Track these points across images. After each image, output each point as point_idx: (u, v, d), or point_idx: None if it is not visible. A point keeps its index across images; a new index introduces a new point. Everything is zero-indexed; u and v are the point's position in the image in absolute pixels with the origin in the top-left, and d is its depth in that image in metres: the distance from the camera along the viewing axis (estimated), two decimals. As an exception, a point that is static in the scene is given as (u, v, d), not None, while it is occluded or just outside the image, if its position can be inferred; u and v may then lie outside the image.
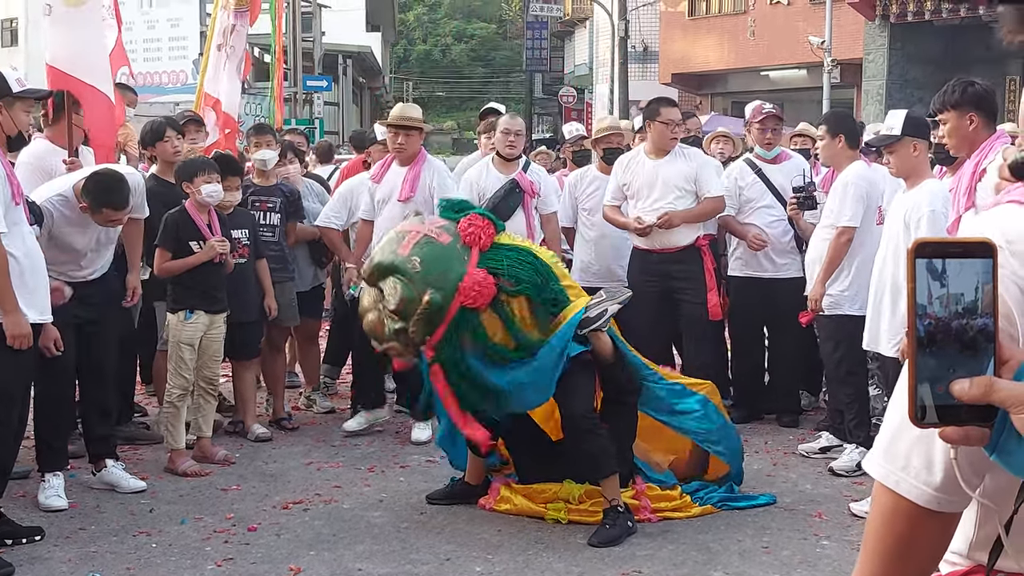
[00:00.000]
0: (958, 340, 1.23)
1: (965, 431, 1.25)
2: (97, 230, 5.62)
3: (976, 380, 1.22)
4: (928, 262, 1.23)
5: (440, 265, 4.95)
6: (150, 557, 4.87)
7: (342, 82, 32.24)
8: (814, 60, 22.55)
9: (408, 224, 5.20)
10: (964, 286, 1.23)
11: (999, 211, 1.45)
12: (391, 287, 4.90)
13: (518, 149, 7.46)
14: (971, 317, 1.23)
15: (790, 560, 4.86)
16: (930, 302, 1.23)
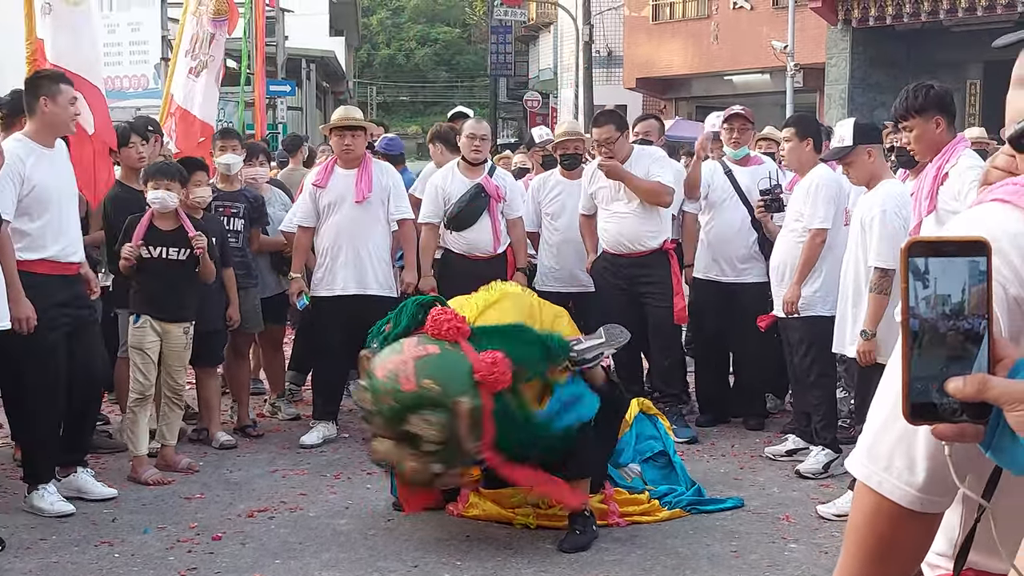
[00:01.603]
0: (947, 340, 1.24)
1: (960, 428, 1.26)
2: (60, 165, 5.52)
3: (971, 378, 1.23)
4: (915, 262, 1.23)
5: (450, 373, 4.66)
6: (112, 567, 4.79)
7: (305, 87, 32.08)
8: (777, 64, 22.71)
9: (387, 361, 4.72)
10: (951, 287, 1.23)
11: (983, 210, 1.44)
12: (422, 422, 4.54)
13: (483, 153, 7.45)
14: (959, 318, 1.23)
15: (758, 564, 4.86)
16: (917, 302, 1.23)
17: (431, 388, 4.55)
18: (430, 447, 4.54)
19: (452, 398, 4.56)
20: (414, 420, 4.53)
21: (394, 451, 4.65)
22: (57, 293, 5.43)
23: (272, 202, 7.50)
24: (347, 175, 6.88)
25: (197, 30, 9.17)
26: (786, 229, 6.42)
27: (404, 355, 4.69)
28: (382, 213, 6.93)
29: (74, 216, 5.61)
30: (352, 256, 6.84)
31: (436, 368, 4.63)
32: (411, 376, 4.58)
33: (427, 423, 4.52)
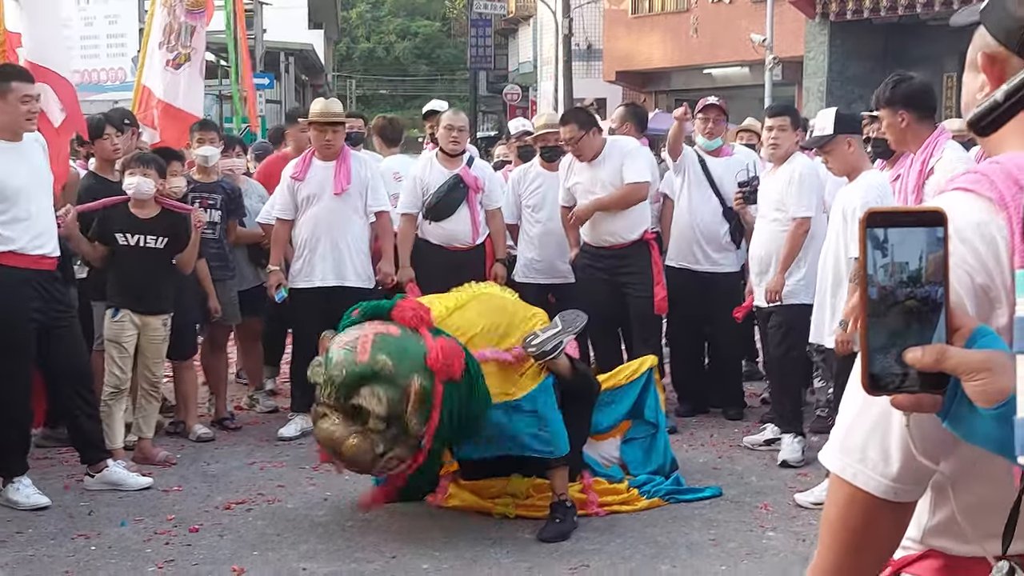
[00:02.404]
0: (905, 309, 1.24)
1: (917, 398, 1.26)
2: (29, 159, 5.48)
3: (929, 348, 1.23)
4: (874, 231, 1.24)
5: (407, 354, 4.67)
6: (89, 560, 4.77)
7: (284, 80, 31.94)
8: (756, 58, 22.76)
9: (347, 336, 4.77)
10: (908, 255, 1.24)
11: (946, 198, 1.45)
12: (371, 397, 4.57)
13: (461, 145, 7.45)
14: (916, 286, 1.24)
15: (737, 552, 4.87)
16: (876, 271, 1.24)
17: (384, 364, 4.58)
18: (376, 424, 4.57)
19: (404, 377, 4.59)
20: (364, 392, 4.56)
21: (339, 427, 4.62)
22: (25, 286, 5.39)
23: (249, 193, 7.46)
24: (325, 167, 6.86)
25: (171, 21, 9.09)
26: (766, 219, 6.41)
27: (365, 330, 4.74)
28: (360, 205, 6.91)
29: (45, 209, 5.54)
30: (331, 248, 6.82)
31: (393, 346, 4.66)
32: (367, 349, 4.62)
33: (376, 398, 4.55)
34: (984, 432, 1.25)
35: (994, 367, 1.22)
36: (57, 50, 6.55)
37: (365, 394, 4.56)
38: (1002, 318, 1.36)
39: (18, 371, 5.45)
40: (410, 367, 4.62)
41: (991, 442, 1.26)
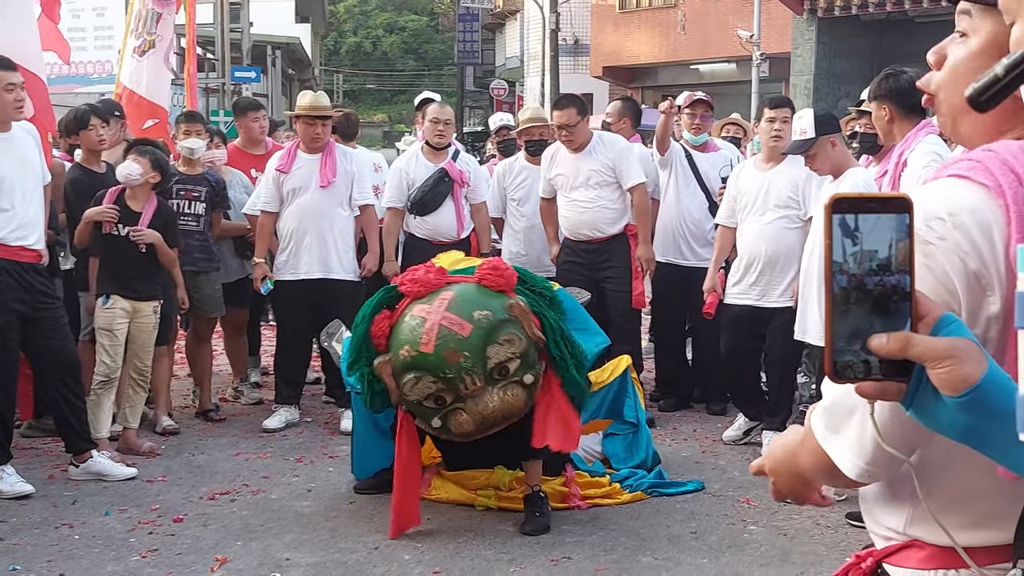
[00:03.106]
0: (873, 296, 1.24)
1: (881, 386, 1.26)
2: (16, 149, 5.49)
3: (894, 335, 1.23)
4: (842, 218, 1.23)
5: (478, 297, 4.72)
6: (72, 549, 4.78)
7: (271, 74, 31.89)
8: (743, 54, 22.81)
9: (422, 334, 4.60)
10: (878, 243, 1.23)
11: (940, 184, 1.45)
12: (503, 347, 4.59)
13: (447, 138, 7.46)
14: (885, 274, 1.23)
15: (718, 545, 4.90)
16: (844, 259, 1.23)
17: (482, 316, 4.58)
18: (515, 362, 4.61)
19: (501, 310, 4.62)
20: (494, 351, 4.57)
21: (491, 397, 4.61)
22: (4, 276, 5.39)
23: (233, 185, 7.47)
24: (311, 160, 6.87)
25: (141, 7, 9.04)
26: (764, 217, 6.22)
27: (432, 316, 4.62)
28: (346, 198, 6.93)
29: (30, 200, 5.53)
30: (316, 240, 6.83)
31: (466, 302, 4.65)
32: (459, 321, 4.56)
33: (508, 343, 4.59)
34: (948, 421, 1.25)
35: (960, 355, 1.22)
36: (28, 47, 6.51)
37: (496, 352, 4.57)
38: (993, 306, 1.36)
39: (1, 360, 5.45)
40: (494, 301, 4.67)
41: (955, 431, 1.26)
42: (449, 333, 4.53)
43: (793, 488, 1.65)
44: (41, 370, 5.75)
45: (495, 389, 4.61)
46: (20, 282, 5.44)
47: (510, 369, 4.62)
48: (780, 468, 1.64)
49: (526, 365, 4.67)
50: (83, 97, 18.58)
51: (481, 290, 4.74)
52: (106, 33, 21.50)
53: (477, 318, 4.56)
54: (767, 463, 1.68)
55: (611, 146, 7.08)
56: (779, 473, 1.65)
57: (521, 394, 4.68)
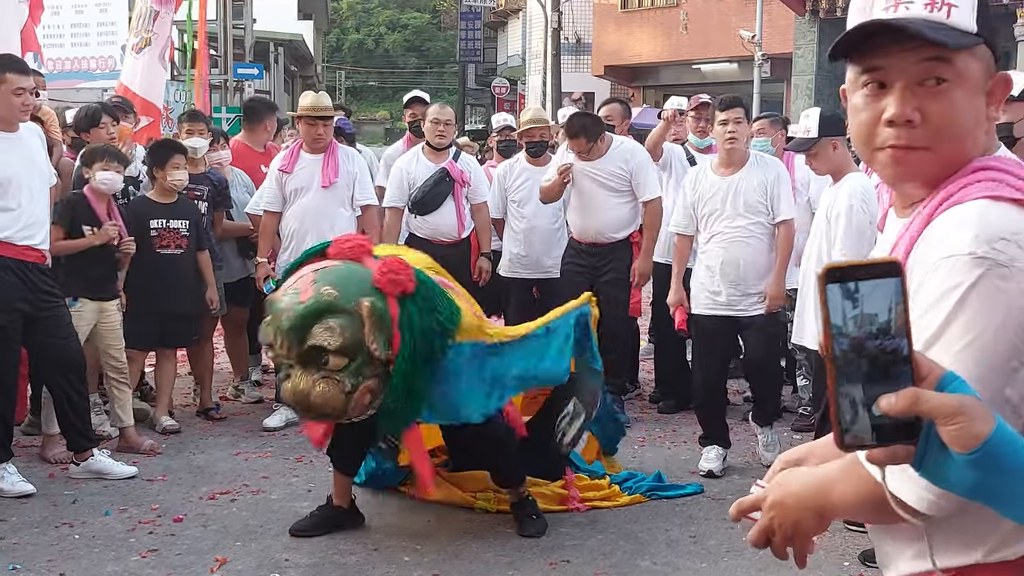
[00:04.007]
0: (875, 359, 1.23)
1: (891, 450, 1.26)
2: (23, 149, 5.51)
3: (902, 393, 1.22)
4: (840, 285, 1.23)
5: (351, 279, 4.45)
6: (72, 549, 4.79)
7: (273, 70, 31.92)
8: (745, 54, 22.82)
9: (288, 283, 4.54)
10: (878, 307, 1.23)
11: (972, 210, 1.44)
12: (324, 332, 4.30)
13: (448, 138, 7.47)
14: (885, 338, 1.23)
15: (717, 549, 4.91)
16: (844, 322, 1.23)
17: (328, 293, 4.34)
18: (337, 360, 4.32)
19: (351, 301, 4.35)
20: (316, 331, 4.30)
21: (302, 378, 4.36)
22: (9, 275, 5.41)
23: (235, 185, 7.49)
24: (313, 160, 6.88)
25: (142, 5, 9.07)
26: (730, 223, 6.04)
27: (303, 272, 4.52)
28: (347, 198, 6.93)
29: (36, 201, 5.55)
30: (317, 240, 6.77)
31: (334, 276, 4.44)
32: (309, 287, 4.37)
33: (329, 331, 4.29)
34: (957, 478, 1.25)
35: (969, 411, 1.22)
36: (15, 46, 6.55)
37: (318, 332, 4.30)
38: None
39: (3, 359, 5.46)
40: (356, 290, 4.39)
41: (963, 487, 1.26)
42: (295, 292, 4.40)
43: (800, 524, 1.58)
44: (44, 369, 5.76)
45: (310, 374, 4.35)
46: (24, 281, 5.46)
47: (329, 361, 4.33)
48: (793, 500, 1.57)
49: (351, 370, 4.35)
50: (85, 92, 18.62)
51: (361, 277, 4.46)
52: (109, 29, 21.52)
53: (321, 292, 4.34)
54: (773, 495, 1.60)
55: (632, 156, 7.02)
56: (787, 506, 1.58)
57: (337, 395, 4.35)
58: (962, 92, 1.54)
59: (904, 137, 1.54)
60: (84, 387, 5.82)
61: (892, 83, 1.55)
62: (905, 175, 1.57)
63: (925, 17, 1.52)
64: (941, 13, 1.52)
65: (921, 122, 1.53)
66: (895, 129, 1.54)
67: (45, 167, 5.70)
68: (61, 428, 5.88)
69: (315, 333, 4.30)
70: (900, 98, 1.53)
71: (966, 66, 1.54)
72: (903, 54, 1.53)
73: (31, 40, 8.25)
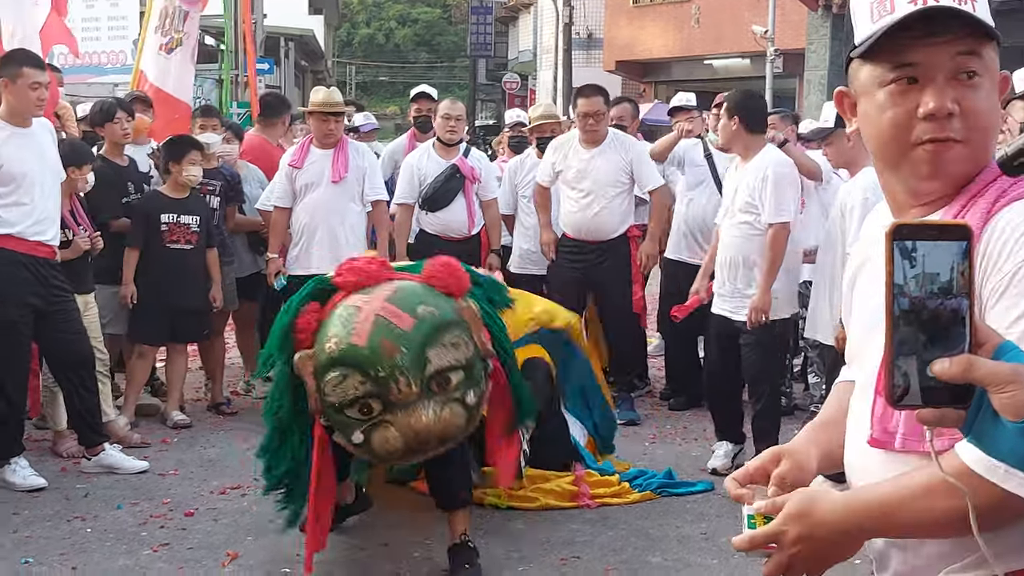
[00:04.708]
0: (933, 320, 1.23)
1: (941, 412, 1.25)
2: (36, 145, 5.53)
3: (956, 359, 1.21)
4: (903, 243, 1.23)
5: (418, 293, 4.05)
6: (85, 542, 4.80)
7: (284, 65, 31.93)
8: (758, 49, 22.73)
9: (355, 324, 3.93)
10: (939, 266, 1.23)
11: None
12: (448, 353, 3.92)
13: (458, 134, 7.48)
14: (946, 297, 1.22)
15: (728, 546, 4.88)
16: (906, 281, 1.23)
17: (430, 312, 3.94)
18: (459, 374, 3.95)
19: (450, 310, 4.01)
20: (435, 353, 3.89)
21: (426, 413, 3.89)
22: (21, 270, 5.44)
23: (248, 179, 7.50)
24: (324, 155, 6.89)
25: (167, 5, 9.10)
26: (733, 220, 5.84)
27: (369, 306, 3.95)
28: (358, 193, 6.94)
29: (49, 196, 5.58)
30: (328, 235, 6.85)
31: (412, 295, 4.00)
32: (400, 313, 3.90)
33: (452, 346, 3.93)
34: (1008, 447, 1.24)
35: (1023, 380, 1.21)
36: (35, 39, 6.59)
37: (437, 354, 3.90)
38: None
39: (14, 353, 5.49)
40: (442, 300, 4.04)
41: (1015, 457, 1.24)
42: (387, 324, 3.87)
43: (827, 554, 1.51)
44: (54, 364, 5.78)
45: (431, 402, 3.91)
46: (36, 276, 5.48)
47: (451, 381, 3.94)
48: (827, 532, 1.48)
49: (470, 381, 4.01)
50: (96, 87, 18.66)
51: (428, 288, 4.10)
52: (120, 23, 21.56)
53: (421, 313, 3.92)
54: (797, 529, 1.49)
55: (629, 147, 7.06)
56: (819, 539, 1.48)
57: (461, 414, 3.98)
58: (989, 86, 1.54)
59: (945, 130, 1.53)
60: (93, 382, 5.84)
61: (927, 78, 1.53)
62: (943, 170, 1.55)
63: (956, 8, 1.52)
64: (967, 6, 1.52)
65: (958, 115, 1.53)
66: (935, 123, 1.53)
67: (56, 163, 5.72)
68: (72, 423, 5.90)
69: (435, 356, 3.90)
70: (940, 91, 1.52)
71: (991, 60, 1.55)
72: (937, 47, 1.52)
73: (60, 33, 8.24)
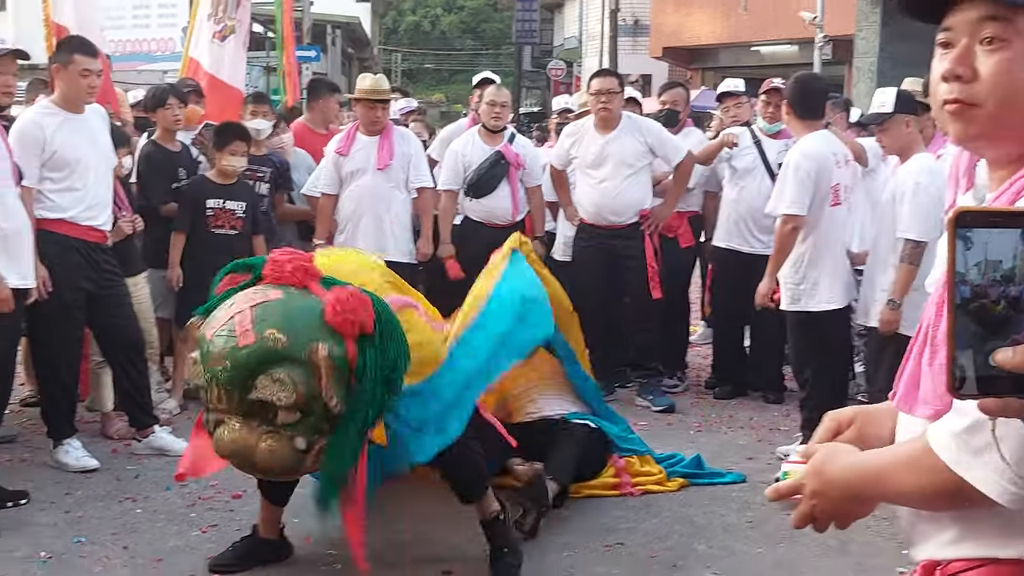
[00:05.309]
0: (996, 308, 1.21)
1: (1004, 402, 1.23)
2: (88, 131, 5.60)
3: (1020, 348, 1.20)
4: (966, 231, 1.21)
5: (299, 318, 3.69)
6: (135, 523, 4.88)
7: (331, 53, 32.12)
8: (806, 36, 22.51)
9: (218, 315, 3.76)
10: (1002, 253, 1.21)
11: None
12: (272, 385, 3.59)
13: (503, 121, 7.49)
14: (1009, 285, 1.20)
15: (773, 535, 4.89)
16: (967, 270, 1.21)
17: (275, 339, 3.63)
18: (287, 416, 3.64)
19: (304, 348, 3.64)
20: (262, 382, 3.60)
21: (242, 432, 3.68)
22: (74, 254, 5.52)
23: (298, 167, 7.55)
24: (369, 142, 6.93)
25: None
26: None
27: (238, 306, 3.74)
28: (403, 180, 6.98)
29: (102, 182, 5.66)
30: (373, 222, 6.89)
31: (280, 315, 3.69)
32: (249, 328, 3.64)
33: (279, 383, 3.60)
34: None
35: None
36: (91, 28, 6.69)
37: (265, 385, 3.60)
38: None
39: (68, 336, 5.58)
40: (307, 333, 3.67)
41: None
42: (230, 332, 3.66)
43: (844, 512, 1.60)
44: (106, 347, 5.87)
45: (252, 426, 3.67)
46: (88, 260, 5.57)
47: (278, 417, 3.64)
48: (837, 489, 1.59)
49: (303, 426, 3.67)
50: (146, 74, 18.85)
51: (310, 314, 3.72)
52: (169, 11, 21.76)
53: (267, 336, 3.62)
54: (813, 483, 1.61)
55: (647, 129, 7.09)
56: (830, 496, 1.60)
57: (287, 452, 3.68)
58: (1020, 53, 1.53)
59: (954, 92, 1.56)
60: (144, 365, 5.93)
61: (955, 42, 1.57)
62: (963, 131, 1.58)
63: None
64: None
65: (973, 78, 1.54)
66: (947, 84, 1.57)
67: (108, 148, 5.79)
68: (123, 405, 5.99)
69: (261, 385, 3.61)
70: (954, 55, 1.56)
71: None
72: (964, 12, 1.55)
73: None
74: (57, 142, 5.45)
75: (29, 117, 5.54)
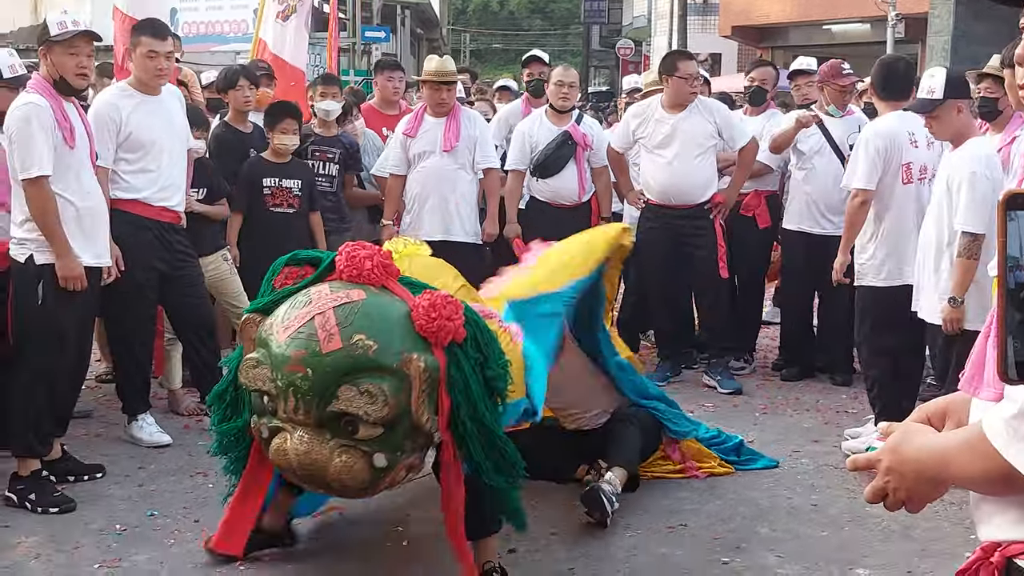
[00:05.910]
0: None
1: None
2: (164, 112, 5.69)
3: None
4: (1018, 213, 1.19)
5: (387, 321, 3.47)
6: (207, 497, 4.98)
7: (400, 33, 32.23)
8: (878, 14, 22.13)
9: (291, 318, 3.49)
10: None
11: None
12: (359, 397, 3.34)
13: (571, 101, 7.48)
14: None
15: (838, 518, 4.86)
16: (1021, 253, 1.19)
17: (365, 345, 3.38)
18: (370, 431, 3.38)
19: (395, 356, 3.39)
20: (346, 393, 3.35)
21: (314, 447, 3.42)
22: (147, 234, 5.62)
23: (367, 149, 7.61)
24: (436, 124, 6.97)
25: None
26: None
27: (316, 306, 3.47)
28: (469, 161, 7.01)
29: (175, 163, 5.74)
30: (439, 203, 6.94)
31: (368, 318, 3.44)
32: (334, 332, 3.38)
33: (367, 395, 3.33)
34: None
35: None
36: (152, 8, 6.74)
37: (351, 397, 3.35)
38: None
39: (141, 315, 5.70)
40: (399, 340, 3.42)
41: None
42: (310, 335, 3.40)
43: (916, 492, 1.60)
44: (178, 327, 5.99)
45: (331, 441, 3.42)
46: (161, 241, 5.67)
47: (359, 431, 3.39)
48: (910, 469, 1.59)
49: (384, 442, 3.42)
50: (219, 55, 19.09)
51: (398, 318, 3.49)
52: (242, -7, 21.99)
53: (354, 341, 3.39)
54: (888, 460, 1.62)
55: (716, 110, 7.09)
56: (904, 474, 1.60)
57: (363, 469, 3.43)
58: None
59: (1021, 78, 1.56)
60: (216, 344, 6.05)
61: None
62: None
63: None
64: None
65: None
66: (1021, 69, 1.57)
67: (184, 130, 5.88)
68: (194, 380, 6.11)
69: (346, 396, 3.36)
70: None
71: None
72: None
73: None
74: (133, 123, 5.55)
75: (105, 99, 5.64)
